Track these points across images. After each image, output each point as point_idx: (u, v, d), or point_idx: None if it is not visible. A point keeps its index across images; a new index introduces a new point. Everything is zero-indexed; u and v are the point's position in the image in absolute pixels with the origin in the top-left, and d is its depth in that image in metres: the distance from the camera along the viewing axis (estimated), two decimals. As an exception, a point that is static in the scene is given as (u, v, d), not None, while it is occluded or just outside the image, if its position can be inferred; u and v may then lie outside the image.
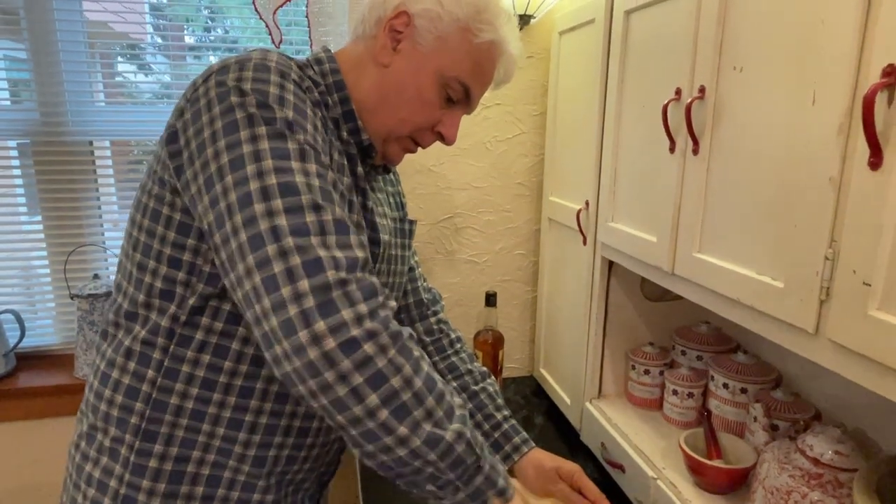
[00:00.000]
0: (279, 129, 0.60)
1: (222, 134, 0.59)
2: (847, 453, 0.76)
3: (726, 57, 0.76)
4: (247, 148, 0.58)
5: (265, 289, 0.55)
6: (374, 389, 0.55)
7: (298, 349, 0.53)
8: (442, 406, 0.60)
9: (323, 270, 0.55)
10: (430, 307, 0.99)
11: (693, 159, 0.83)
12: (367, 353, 0.55)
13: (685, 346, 1.15)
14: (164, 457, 0.67)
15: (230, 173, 0.58)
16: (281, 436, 0.72)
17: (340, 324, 0.54)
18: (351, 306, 0.55)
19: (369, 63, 0.73)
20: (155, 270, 0.66)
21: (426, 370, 0.60)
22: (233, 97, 0.60)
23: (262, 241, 0.55)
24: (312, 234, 0.56)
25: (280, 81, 0.62)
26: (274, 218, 0.56)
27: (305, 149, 0.60)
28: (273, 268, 0.55)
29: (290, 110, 0.61)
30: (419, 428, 0.57)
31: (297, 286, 0.54)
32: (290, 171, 0.58)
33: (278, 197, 0.57)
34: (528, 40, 1.49)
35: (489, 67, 0.75)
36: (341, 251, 0.57)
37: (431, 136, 0.77)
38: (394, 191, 0.91)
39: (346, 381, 0.54)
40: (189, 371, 0.67)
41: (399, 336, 0.58)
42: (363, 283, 0.57)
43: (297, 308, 0.54)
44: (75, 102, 1.45)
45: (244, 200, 0.57)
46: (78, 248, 1.50)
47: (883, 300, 0.54)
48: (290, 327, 0.53)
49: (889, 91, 0.52)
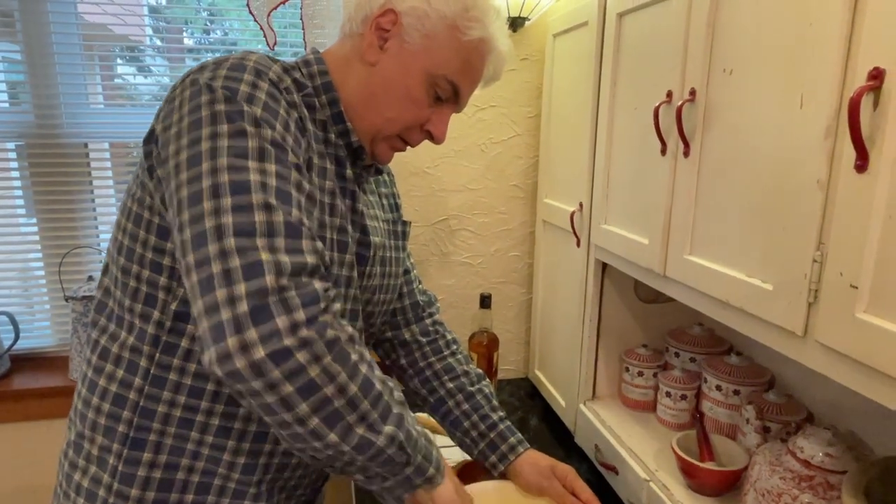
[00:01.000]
0: (241, 126, 0.58)
1: (186, 131, 0.59)
2: (838, 455, 0.76)
3: (716, 60, 0.76)
4: (205, 145, 0.57)
5: (200, 289, 0.53)
6: (305, 399, 0.54)
7: (225, 357, 0.51)
8: (378, 408, 0.59)
9: (262, 274, 0.53)
10: (425, 309, 0.99)
11: (684, 161, 0.83)
12: (299, 363, 0.53)
13: (678, 348, 1.15)
14: (152, 465, 0.67)
15: (186, 170, 0.57)
16: (271, 443, 0.71)
17: (272, 332, 0.52)
18: (287, 313, 0.53)
19: (356, 62, 0.73)
20: (138, 275, 0.66)
21: (363, 373, 0.58)
22: (202, 95, 0.60)
23: (205, 239, 0.54)
24: (258, 235, 0.54)
25: (253, 80, 0.61)
26: (220, 216, 0.54)
27: (266, 147, 0.59)
28: (211, 268, 0.53)
29: (258, 107, 0.60)
30: (350, 433, 0.57)
31: (232, 289, 0.52)
32: (244, 169, 0.57)
33: (228, 195, 0.55)
34: (522, 42, 1.50)
35: (478, 65, 0.74)
36: (288, 255, 0.55)
37: (420, 135, 0.77)
38: (388, 192, 0.90)
39: (276, 390, 0.53)
40: (176, 379, 0.66)
41: (335, 342, 0.56)
42: (304, 290, 0.55)
43: (230, 312, 0.52)
44: (70, 104, 1.45)
45: (194, 197, 0.56)
46: (73, 249, 1.50)
47: (870, 303, 0.54)
48: (220, 332, 0.52)
49: (875, 94, 0.53)
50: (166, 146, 0.60)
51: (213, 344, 0.52)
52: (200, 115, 0.59)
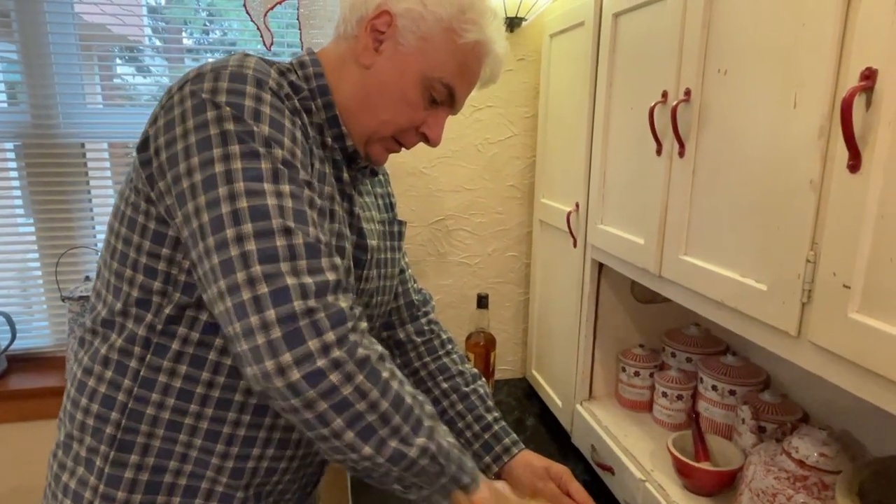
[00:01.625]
0: (254, 147, 0.59)
1: (196, 150, 0.59)
2: (832, 455, 0.76)
3: (711, 59, 0.76)
4: (219, 167, 0.58)
5: (235, 315, 0.56)
6: (339, 414, 0.57)
7: (266, 376, 0.55)
8: (409, 422, 0.62)
9: (290, 300, 0.56)
10: (420, 308, 0.99)
11: (679, 162, 0.83)
12: (332, 383, 0.56)
13: (675, 348, 1.15)
14: (140, 467, 0.67)
15: (203, 193, 0.58)
16: (260, 448, 0.71)
17: (306, 355, 0.55)
18: (318, 336, 0.56)
19: (351, 64, 0.72)
20: (131, 279, 0.65)
21: (395, 389, 0.61)
22: (208, 112, 0.60)
23: (232, 266, 0.56)
24: (282, 260, 0.57)
25: (256, 93, 0.61)
26: (244, 243, 0.57)
27: (279, 169, 0.60)
28: (242, 295, 0.56)
29: (265, 125, 0.60)
30: (384, 446, 0.60)
31: (264, 316, 0.55)
32: (261, 193, 0.58)
33: (248, 221, 0.57)
34: (519, 43, 1.50)
35: (475, 68, 0.73)
36: (311, 276, 0.58)
37: (415, 137, 0.76)
38: (383, 192, 0.90)
39: (312, 407, 0.57)
40: (165, 381, 0.66)
41: (366, 362, 0.59)
42: (332, 310, 0.58)
43: (264, 338, 0.55)
44: (67, 104, 1.45)
45: (216, 224, 0.57)
46: (69, 250, 1.50)
47: (862, 303, 0.54)
48: (258, 355, 0.55)
49: (867, 94, 0.53)
50: (174, 162, 0.60)
51: (253, 364, 0.56)
52: (209, 134, 0.59)
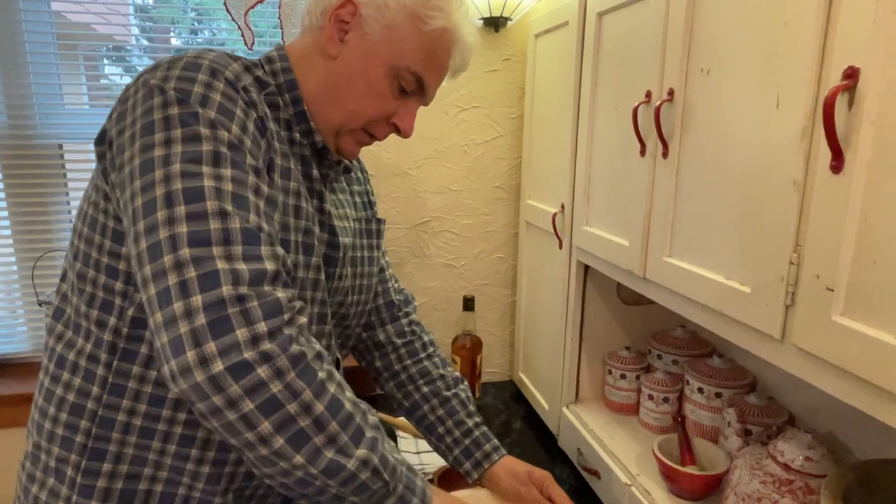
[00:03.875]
0: (195, 129, 0.57)
1: (139, 135, 0.57)
2: (817, 459, 0.75)
3: (694, 59, 0.76)
4: (159, 151, 0.56)
5: (158, 302, 0.52)
6: (267, 416, 0.52)
7: (185, 370, 0.50)
8: (348, 430, 0.57)
9: (218, 285, 0.52)
10: (401, 308, 0.97)
11: (663, 162, 0.82)
12: (259, 378, 0.51)
13: (661, 350, 1.15)
14: (113, 475, 0.65)
15: (139, 177, 0.56)
16: (237, 451, 0.69)
17: (232, 345, 0.51)
18: (247, 325, 0.52)
19: (317, 56, 0.71)
20: (94, 280, 0.64)
21: (331, 392, 0.57)
22: (155, 97, 0.58)
23: (160, 250, 0.53)
24: (214, 244, 0.53)
25: (208, 80, 0.59)
26: (174, 226, 0.53)
27: (221, 151, 0.57)
28: (167, 279, 0.52)
29: (212, 110, 0.58)
30: (319, 455, 0.55)
31: (189, 302, 0.51)
32: (198, 175, 0.55)
33: (181, 203, 0.54)
34: (504, 43, 1.49)
35: (443, 56, 0.72)
36: (246, 263, 0.54)
37: (387, 128, 0.74)
38: (361, 190, 0.88)
39: (236, 406, 0.51)
40: (135, 387, 0.64)
41: (301, 358, 0.54)
42: (265, 300, 0.53)
43: (188, 325, 0.51)
44: (44, 105, 1.42)
45: (148, 207, 0.55)
46: (47, 253, 1.47)
47: (846, 306, 0.53)
48: (179, 345, 0.51)
49: (849, 94, 0.52)
50: (121, 151, 0.59)
51: (172, 358, 0.51)
52: (153, 119, 0.57)
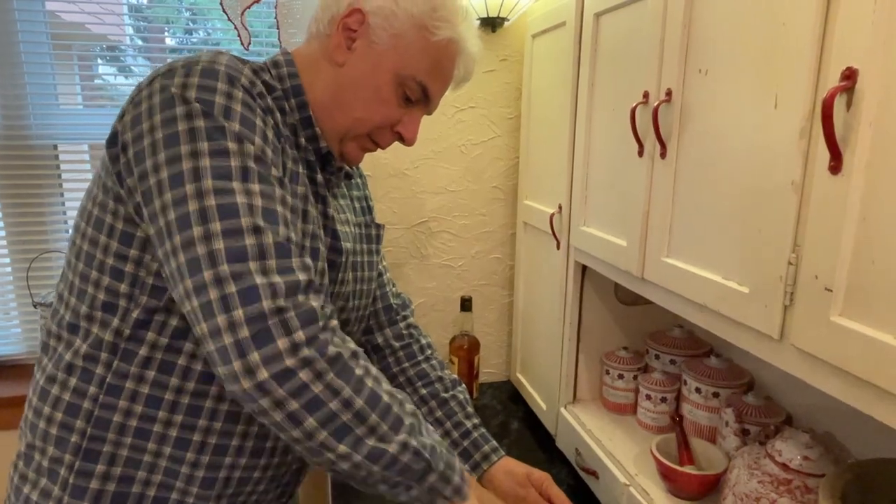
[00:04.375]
0: (223, 144, 0.58)
1: (163, 146, 0.58)
2: (815, 458, 0.75)
3: (692, 60, 0.76)
4: (187, 164, 0.57)
5: (202, 314, 0.55)
6: (311, 414, 0.56)
7: (233, 377, 0.54)
8: (387, 420, 0.60)
9: (258, 300, 0.55)
10: (399, 312, 0.97)
11: (661, 163, 0.82)
12: (302, 381, 0.55)
13: (658, 350, 1.15)
14: (106, 477, 0.65)
15: (169, 190, 0.57)
16: (232, 456, 0.69)
17: (275, 354, 0.54)
18: (287, 335, 0.55)
19: (324, 62, 0.72)
20: (97, 281, 0.64)
21: (369, 387, 0.60)
22: (177, 107, 0.58)
23: (199, 265, 0.55)
24: (251, 259, 0.56)
25: (227, 89, 0.60)
26: (211, 242, 0.56)
27: (249, 166, 0.59)
28: (209, 294, 0.55)
29: (236, 122, 0.59)
30: (361, 444, 0.58)
31: (231, 315, 0.54)
32: (230, 192, 0.57)
33: (217, 220, 0.56)
34: (501, 43, 1.48)
35: (448, 66, 0.73)
36: (280, 276, 0.57)
37: (391, 136, 0.76)
38: (360, 195, 0.89)
39: (282, 407, 0.55)
40: (133, 388, 0.64)
41: (338, 359, 0.58)
42: (302, 310, 0.57)
43: (232, 338, 0.54)
44: (39, 105, 1.41)
45: (183, 221, 0.56)
46: (42, 254, 1.46)
47: (844, 306, 0.53)
48: (226, 356, 0.54)
49: (848, 95, 0.52)
50: (140, 158, 0.59)
51: (221, 365, 0.55)
52: (177, 130, 0.58)
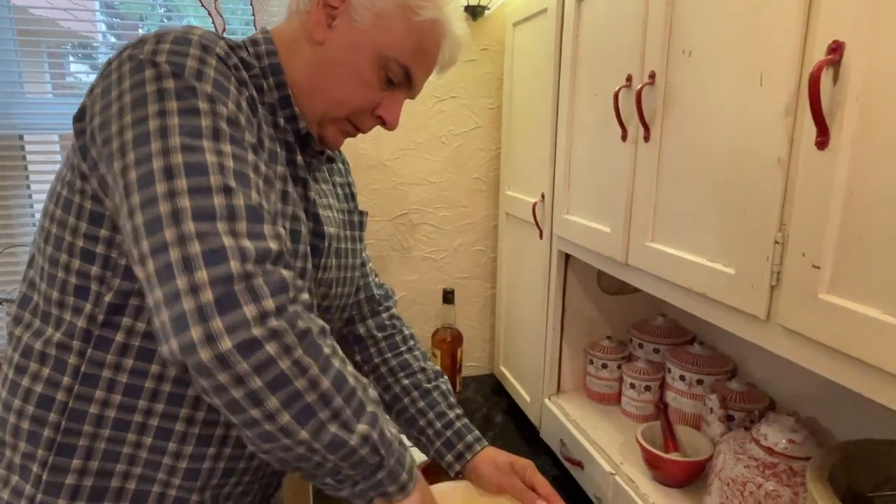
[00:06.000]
0: (193, 103, 0.55)
1: (129, 108, 0.54)
2: (801, 442, 0.75)
3: (675, 41, 0.75)
4: (153, 123, 0.53)
5: (158, 278, 0.50)
6: (275, 392, 0.51)
7: (189, 347, 0.48)
8: (351, 405, 0.56)
9: (226, 260, 0.50)
10: (381, 303, 0.95)
11: (644, 146, 0.81)
12: (268, 355, 0.50)
13: (642, 339, 1.14)
14: (83, 472, 0.61)
15: (133, 150, 0.53)
16: (216, 446, 0.66)
17: (240, 322, 0.49)
18: (254, 302, 0.50)
19: (303, 41, 0.69)
20: (67, 265, 0.60)
21: (336, 367, 0.56)
22: (146, 70, 0.55)
23: (160, 224, 0.51)
24: (219, 220, 0.51)
25: (200, 55, 0.57)
26: (176, 199, 0.51)
27: (221, 127, 0.55)
28: (169, 255, 0.50)
29: (208, 84, 0.56)
30: (323, 430, 0.54)
31: (194, 276, 0.49)
32: (199, 149, 0.53)
33: (183, 176, 0.52)
34: (482, 32, 1.47)
35: (432, 49, 0.70)
36: (251, 240, 0.52)
37: (371, 120, 0.73)
38: (343, 181, 0.86)
39: (244, 384, 0.50)
40: (110, 376, 0.61)
41: (307, 334, 0.53)
42: (272, 277, 0.52)
43: (193, 302, 0.49)
44: (2, 94, 1.36)
45: (145, 179, 0.52)
46: (7, 248, 1.41)
47: (832, 283, 0.53)
48: (183, 323, 0.49)
49: (834, 68, 0.51)
50: (106, 125, 0.56)
51: (174, 335, 0.49)
52: (145, 92, 0.54)
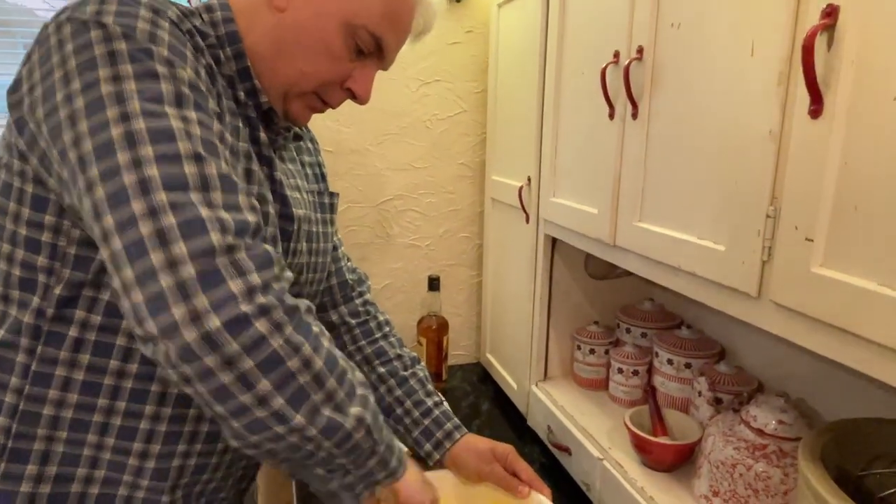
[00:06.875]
0: (150, 66, 0.50)
1: (76, 73, 0.49)
2: (790, 422, 0.74)
3: (664, 13, 0.73)
4: (106, 88, 0.48)
5: (127, 255, 0.45)
6: (267, 374, 0.47)
7: (171, 330, 0.44)
8: (344, 387, 0.53)
9: (206, 232, 0.46)
10: (355, 288, 0.91)
11: (632, 124, 0.79)
12: (259, 333, 0.46)
13: (629, 323, 1.13)
14: (38, 479, 0.56)
15: (85, 119, 0.48)
16: (185, 443, 0.62)
17: (227, 297, 0.45)
18: (240, 276, 0.46)
19: (262, 6, 0.63)
20: (10, 256, 0.55)
21: (326, 346, 0.53)
22: (92, 31, 0.50)
23: (126, 196, 0.46)
24: (192, 189, 0.47)
25: (152, 17, 0.52)
26: (143, 168, 0.46)
27: (183, 91, 0.51)
28: (139, 230, 0.45)
29: (164, 48, 0.51)
30: (318, 414, 0.51)
31: (170, 251, 0.45)
32: (163, 115, 0.48)
33: (148, 143, 0.47)
34: (466, 15, 1.44)
35: (404, 16, 0.65)
36: (228, 212, 0.48)
37: (341, 94, 0.68)
38: (312, 161, 0.82)
39: (233, 366, 0.46)
40: (64, 374, 0.56)
41: (296, 311, 0.50)
42: (255, 251, 0.48)
43: (172, 278, 0.44)
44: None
45: (103, 148, 0.47)
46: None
47: (826, 256, 0.51)
48: (161, 302, 0.44)
49: (829, 33, 0.49)
50: (50, 94, 0.50)
51: (151, 316, 0.44)
52: (94, 54, 0.49)
